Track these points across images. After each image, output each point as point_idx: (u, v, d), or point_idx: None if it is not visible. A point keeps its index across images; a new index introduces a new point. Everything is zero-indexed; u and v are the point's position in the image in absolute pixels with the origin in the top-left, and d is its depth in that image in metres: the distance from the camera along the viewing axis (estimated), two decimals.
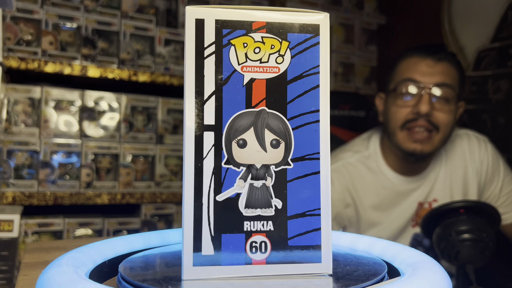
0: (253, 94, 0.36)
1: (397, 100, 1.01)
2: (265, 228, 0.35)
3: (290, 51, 0.36)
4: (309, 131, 0.36)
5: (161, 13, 1.51)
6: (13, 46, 1.28)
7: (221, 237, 0.35)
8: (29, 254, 0.63)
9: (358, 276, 0.37)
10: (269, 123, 0.36)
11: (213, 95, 0.35)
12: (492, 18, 1.37)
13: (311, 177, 0.36)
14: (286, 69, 0.36)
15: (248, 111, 0.36)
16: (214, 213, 0.35)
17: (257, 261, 0.35)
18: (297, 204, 0.36)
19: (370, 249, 0.47)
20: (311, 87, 0.36)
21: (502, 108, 1.31)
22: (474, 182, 1.08)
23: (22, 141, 1.29)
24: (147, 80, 1.42)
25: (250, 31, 0.36)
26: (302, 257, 0.35)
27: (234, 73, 0.36)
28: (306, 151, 0.36)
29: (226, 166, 0.35)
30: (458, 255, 0.77)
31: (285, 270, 0.35)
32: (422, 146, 0.99)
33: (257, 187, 0.36)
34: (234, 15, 0.36)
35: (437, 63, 0.99)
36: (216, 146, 0.35)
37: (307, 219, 0.36)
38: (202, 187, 0.35)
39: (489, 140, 1.12)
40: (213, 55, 0.36)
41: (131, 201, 1.40)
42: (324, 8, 1.68)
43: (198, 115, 0.35)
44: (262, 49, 0.36)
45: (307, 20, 0.37)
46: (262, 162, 0.36)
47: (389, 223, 1.08)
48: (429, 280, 0.33)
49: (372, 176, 1.08)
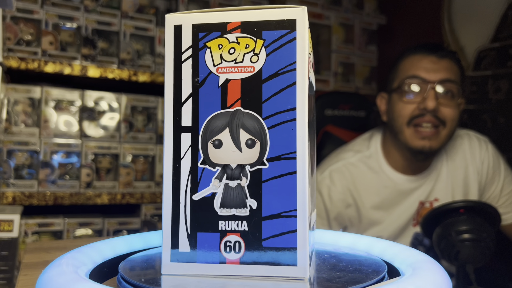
0: (228, 94, 0.36)
1: (402, 98, 1.01)
2: (239, 228, 0.35)
3: (265, 49, 0.35)
4: (285, 130, 0.35)
5: (161, 13, 1.51)
6: (13, 46, 1.28)
7: (197, 235, 0.36)
8: (29, 254, 0.63)
9: (358, 276, 0.37)
10: (244, 123, 0.36)
11: (190, 97, 0.36)
12: (492, 18, 1.37)
13: (287, 177, 0.35)
14: (261, 68, 0.36)
15: (223, 111, 0.36)
16: (191, 212, 0.36)
17: (231, 261, 0.35)
18: (272, 205, 0.35)
19: (370, 249, 0.47)
20: (287, 84, 0.35)
21: (502, 108, 1.31)
22: (475, 182, 1.08)
23: (22, 141, 1.29)
24: (147, 80, 1.42)
25: (225, 33, 0.36)
26: (277, 259, 0.35)
27: (210, 75, 0.36)
28: (282, 151, 0.35)
29: (202, 166, 0.36)
30: (458, 255, 0.77)
31: (258, 271, 0.35)
32: (430, 143, 0.99)
33: (232, 187, 0.36)
34: (210, 18, 0.37)
35: (440, 59, 1.00)
36: (193, 146, 0.36)
37: (282, 220, 0.35)
38: (180, 186, 0.36)
39: (490, 141, 1.12)
40: (190, 58, 0.36)
41: (131, 201, 1.40)
42: (324, 8, 1.68)
43: (176, 117, 0.36)
44: (236, 49, 0.36)
45: (282, 16, 0.35)
46: (237, 162, 0.36)
47: (390, 223, 1.08)
48: (429, 280, 0.33)
49: (373, 175, 1.08)
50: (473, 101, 1.39)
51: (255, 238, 0.35)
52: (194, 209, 0.36)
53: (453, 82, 0.99)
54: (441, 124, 0.98)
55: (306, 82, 0.35)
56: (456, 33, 1.50)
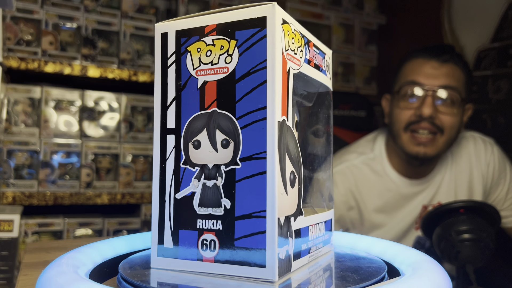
0: (205, 96, 0.37)
1: (400, 102, 1.00)
2: (214, 227, 0.36)
3: (238, 49, 0.36)
4: (257, 130, 0.34)
5: (161, 13, 1.51)
6: (13, 46, 1.28)
7: (179, 232, 0.37)
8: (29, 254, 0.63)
9: (358, 276, 0.37)
10: (220, 123, 0.36)
11: (174, 101, 0.38)
12: (492, 18, 1.37)
13: (258, 177, 0.34)
14: (234, 68, 0.36)
15: (201, 113, 0.37)
16: (174, 210, 0.38)
17: (207, 259, 0.36)
18: (244, 205, 0.35)
19: (370, 249, 0.47)
20: (258, 83, 0.35)
21: (502, 108, 1.31)
22: (479, 186, 1.07)
23: (22, 141, 1.29)
24: (147, 80, 1.42)
25: (203, 36, 0.37)
26: (248, 259, 0.35)
27: (190, 78, 0.38)
28: (253, 151, 0.35)
29: (184, 167, 0.38)
30: (458, 255, 0.77)
31: (231, 270, 0.35)
32: (425, 149, 0.98)
33: (209, 187, 0.37)
34: (190, 23, 0.38)
35: (442, 65, 0.98)
36: (176, 147, 0.38)
37: (253, 220, 0.35)
38: (165, 185, 0.38)
39: (496, 143, 1.11)
40: (174, 63, 0.38)
41: (131, 201, 1.40)
42: (324, 8, 1.68)
43: (162, 119, 0.39)
44: (213, 51, 0.37)
45: (253, 14, 0.35)
46: (214, 162, 0.36)
47: (393, 226, 1.08)
48: (429, 280, 0.33)
49: (376, 178, 1.07)
50: (473, 101, 1.39)
51: (228, 237, 0.35)
52: (177, 207, 0.38)
53: (453, 89, 0.97)
54: (439, 131, 0.97)
55: (278, 80, 0.34)
56: (456, 33, 1.50)
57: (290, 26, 0.36)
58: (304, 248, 0.38)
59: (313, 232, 0.41)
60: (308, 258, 0.40)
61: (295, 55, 0.37)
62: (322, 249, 0.43)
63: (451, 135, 1.00)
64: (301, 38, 0.38)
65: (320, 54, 0.43)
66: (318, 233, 0.42)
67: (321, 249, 0.43)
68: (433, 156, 1.00)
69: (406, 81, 1.00)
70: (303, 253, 0.38)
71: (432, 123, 0.96)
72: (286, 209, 0.35)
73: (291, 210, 0.36)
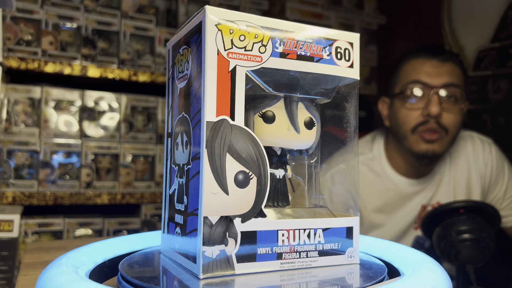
0: (179, 102, 0.41)
1: (405, 103, 1.00)
2: (180, 222, 0.40)
3: (191, 56, 0.39)
4: (198, 130, 0.36)
5: (161, 13, 1.51)
6: (13, 46, 1.28)
7: (169, 224, 0.43)
8: (29, 254, 0.63)
9: (358, 276, 0.37)
10: (183, 126, 0.40)
11: (170, 108, 0.44)
12: (492, 18, 1.37)
13: (197, 177, 0.36)
14: (190, 74, 0.39)
15: (179, 117, 0.41)
16: (168, 204, 0.43)
17: (176, 250, 0.40)
18: (192, 202, 0.37)
19: (370, 249, 0.46)
20: (199, 85, 0.36)
21: (502, 108, 1.31)
22: (477, 186, 1.07)
23: (22, 141, 1.29)
24: (147, 80, 1.42)
25: (178, 47, 0.43)
26: (189, 253, 0.37)
27: (176, 86, 0.42)
28: (196, 151, 0.36)
29: (172, 166, 0.42)
30: (458, 255, 0.77)
31: (181, 261, 0.39)
32: (434, 146, 0.98)
33: (180, 185, 0.40)
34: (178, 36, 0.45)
35: (442, 63, 0.98)
36: (170, 149, 0.43)
37: (194, 218, 0.36)
38: (167, 182, 0.44)
39: (494, 142, 1.11)
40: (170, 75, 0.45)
41: (131, 201, 1.40)
42: (324, 8, 1.68)
43: (166, 125, 0.45)
44: (181, 60, 0.42)
45: (196, 21, 0.38)
46: (182, 162, 0.40)
47: (392, 226, 1.08)
48: (429, 280, 0.33)
49: (376, 178, 1.07)
50: (473, 101, 1.38)
51: (183, 231, 0.39)
52: (169, 202, 0.43)
53: (456, 86, 0.98)
54: (444, 131, 0.98)
55: (211, 81, 0.35)
56: (456, 33, 1.50)
57: (232, 25, 0.36)
58: (264, 252, 0.37)
59: (289, 237, 0.38)
60: (280, 265, 0.38)
61: (249, 52, 0.37)
62: (319, 258, 0.39)
63: (454, 133, 1.00)
64: (262, 33, 0.38)
65: (318, 43, 0.40)
66: (306, 240, 0.39)
67: (317, 259, 0.39)
68: (441, 153, 1.01)
69: (408, 81, 1.00)
70: (262, 258, 0.37)
71: (438, 122, 0.97)
72: (226, 209, 0.35)
73: (237, 211, 0.36)
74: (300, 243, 0.39)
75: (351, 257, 0.41)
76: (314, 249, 0.39)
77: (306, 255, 0.39)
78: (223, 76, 0.36)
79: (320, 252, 0.40)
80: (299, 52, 0.39)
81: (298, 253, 0.38)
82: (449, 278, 0.35)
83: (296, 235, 0.38)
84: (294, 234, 0.38)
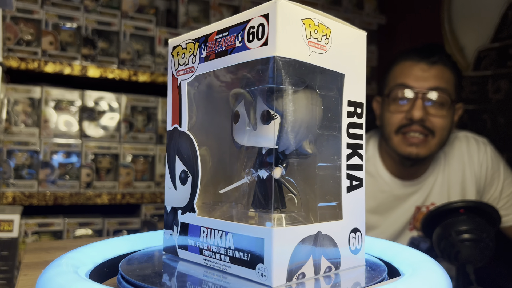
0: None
1: (391, 105, 1.01)
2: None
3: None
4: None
5: (161, 13, 1.51)
6: (13, 46, 1.28)
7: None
8: (29, 254, 0.63)
9: (358, 276, 0.37)
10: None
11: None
12: (492, 18, 1.37)
13: None
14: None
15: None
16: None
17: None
18: None
19: (370, 249, 0.46)
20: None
21: (502, 108, 1.31)
22: (472, 186, 1.07)
23: (22, 141, 1.29)
24: (147, 80, 1.42)
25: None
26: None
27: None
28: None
29: None
30: (458, 255, 0.77)
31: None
32: (417, 150, 0.98)
33: None
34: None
35: (431, 66, 0.98)
36: None
37: None
38: None
39: (489, 142, 1.11)
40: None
41: (131, 201, 1.40)
42: (324, 8, 1.68)
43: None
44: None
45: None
46: None
47: (386, 227, 1.08)
48: (429, 280, 0.33)
49: (370, 179, 1.07)
50: (473, 101, 1.38)
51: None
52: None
53: (443, 91, 0.97)
54: (430, 133, 0.98)
55: (169, 98, 0.43)
56: (456, 33, 1.50)
57: (181, 46, 0.42)
58: (192, 244, 0.40)
59: (207, 235, 0.38)
60: (203, 260, 0.39)
61: (186, 66, 0.42)
62: (231, 266, 0.36)
63: (443, 136, 1.00)
64: (194, 45, 0.41)
65: (232, 32, 0.37)
66: (219, 241, 0.37)
67: (230, 265, 0.36)
68: (426, 157, 1.01)
69: (395, 84, 1.00)
70: (190, 249, 0.40)
71: (423, 125, 0.97)
72: (174, 201, 0.42)
73: (180, 204, 0.42)
74: (215, 243, 0.38)
75: (263, 276, 0.33)
76: (225, 253, 0.37)
77: (220, 258, 0.37)
78: (175, 91, 0.43)
79: (231, 259, 0.36)
80: (217, 50, 0.38)
81: (214, 253, 0.38)
82: (449, 278, 0.35)
83: (212, 234, 0.38)
84: (211, 232, 0.38)
